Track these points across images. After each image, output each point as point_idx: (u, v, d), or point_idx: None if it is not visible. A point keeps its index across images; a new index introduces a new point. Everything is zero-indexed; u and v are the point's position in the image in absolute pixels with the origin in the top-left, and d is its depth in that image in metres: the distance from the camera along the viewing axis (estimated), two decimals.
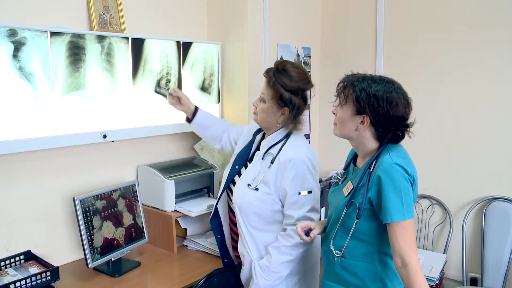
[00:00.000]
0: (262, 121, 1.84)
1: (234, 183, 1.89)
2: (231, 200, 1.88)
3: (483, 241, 2.49)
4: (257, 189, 1.76)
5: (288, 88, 1.72)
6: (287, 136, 1.80)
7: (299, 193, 1.70)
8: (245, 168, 1.88)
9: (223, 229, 1.97)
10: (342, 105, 1.46)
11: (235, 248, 1.92)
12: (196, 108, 2.13)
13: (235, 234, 1.91)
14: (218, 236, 1.97)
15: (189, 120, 2.15)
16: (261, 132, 1.93)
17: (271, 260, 1.71)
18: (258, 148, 1.90)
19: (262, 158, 1.81)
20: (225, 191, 1.94)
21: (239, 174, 1.88)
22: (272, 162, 1.76)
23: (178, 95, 2.11)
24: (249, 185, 1.78)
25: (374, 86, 1.39)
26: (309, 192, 1.71)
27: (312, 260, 1.85)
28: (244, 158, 1.90)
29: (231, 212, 1.92)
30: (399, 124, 1.41)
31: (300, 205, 1.70)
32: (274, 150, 1.79)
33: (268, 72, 1.78)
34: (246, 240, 1.79)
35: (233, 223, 1.91)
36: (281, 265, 1.71)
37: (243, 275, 1.84)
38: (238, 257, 1.91)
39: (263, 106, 1.79)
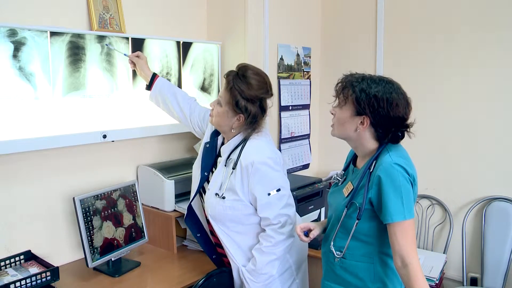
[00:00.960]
0: (217, 124, 1.80)
1: (204, 190, 1.87)
2: (204, 201, 1.87)
3: (483, 241, 2.49)
4: (224, 198, 1.73)
5: (244, 96, 1.68)
6: (245, 140, 1.77)
7: (269, 194, 1.68)
8: (212, 173, 1.85)
9: (202, 226, 1.95)
10: (341, 105, 1.45)
11: (218, 245, 1.91)
12: (155, 75, 2.05)
13: (216, 238, 1.88)
14: (198, 235, 1.94)
15: (148, 87, 2.07)
16: (220, 135, 1.88)
17: (256, 263, 1.71)
18: (219, 154, 1.86)
19: (225, 165, 1.78)
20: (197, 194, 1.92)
21: (208, 181, 1.86)
22: (234, 168, 1.73)
23: (134, 60, 2.04)
24: (216, 194, 1.76)
25: (374, 86, 1.39)
26: (278, 190, 1.70)
27: (300, 253, 1.85)
28: (210, 163, 1.86)
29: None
30: (399, 124, 1.41)
31: (272, 205, 1.69)
32: (234, 155, 1.75)
33: (228, 76, 1.74)
34: (228, 248, 1.78)
35: (212, 226, 1.88)
36: (267, 266, 1.71)
37: (235, 283, 1.82)
38: (224, 255, 1.89)
39: (219, 109, 1.75)
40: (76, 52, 1.86)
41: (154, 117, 2.23)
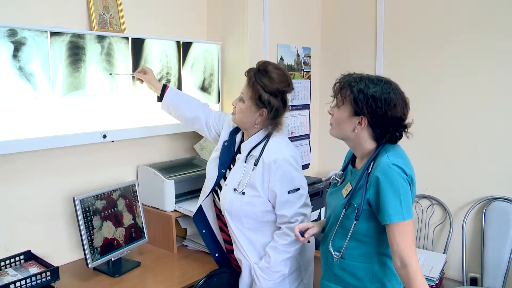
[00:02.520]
0: (240, 121, 1.81)
1: (220, 187, 1.87)
2: (218, 199, 1.87)
3: (483, 241, 2.49)
4: (243, 193, 1.74)
5: (267, 89, 1.71)
6: (267, 137, 1.79)
7: (289, 192, 1.71)
8: (229, 170, 1.86)
9: (209, 223, 1.95)
10: (339, 106, 1.45)
11: (226, 242, 1.91)
12: (165, 86, 2.07)
13: (226, 234, 1.90)
14: (204, 231, 1.94)
15: (159, 99, 2.08)
16: (239, 132, 1.90)
17: (270, 261, 1.71)
18: (238, 151, 1.87)
19: (245, 161, 1.79)
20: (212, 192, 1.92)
21: (225, 178, 1.86)
22: (255, 164, 1.74)
23: (141, 77, 2.07)
24: (235, 189, 1.77)
25: (372, 87, 1.38)
26: (297, 189, 1.72)
27: (307, 254, 1.86)
28: (228, 160, 1.87)
29: (219, 211, 1.90)
30: (397, 125, 1.41)
31: (291, 204, 1.71)
32: (256, 152, 1.77)
33: (249, 72, 1.76)
34: (242, 245, 1.78)
35: (222, 223, 1.90)
36: (281, 264, 1.71)
37: (243, 281, 1.81)
38: (231, 252, 1.89)
39: (242, 106, 1.77)
40: (76, 52, 1.87)
41: (154, 117, 2.23)
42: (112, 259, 2.00)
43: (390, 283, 1.44)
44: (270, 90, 1.71)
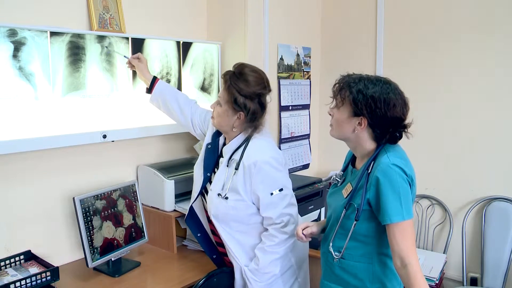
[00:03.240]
0: (218, 125, 1.80)
1: (206, 191, 1.88)
2: (206, 203, 1.88)
3: (483, 241, 2.49)
4: (227, 198, 1.74)
5: (243, 93, 1.70)
6: (247, 140, 1.78)
7: (271, 194, 1.70)
8: (214, 174, 1.86)
9: (203, 226, 1.95)
10: (339, 107, 1.45)
11: (219, 245, 1.91)
12: (156, 78, 2.04)
13: (217, 237, 1.88)
14: (199, 235, 1.94)
15: (148, 91, 2.06)
16: (221, 135, 1.89)
17: (259, 263, 1.72)
18: (221, 154, 1.87)
19: (227, 165, 1.79)
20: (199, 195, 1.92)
21: (210, 181, 1.86)
22: (236, 168, 1.73)
23: (134, 64, 2.03)
24: (219, 194, 1.77)
25: (371, 87, 1.38)
26: (280, 190, 1.71)
27: (300, 253, 1.86)
28: (212, 164, 1.87)
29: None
30: (397, 125, 1.41)
31: (275, 205, 1.70)
32: (237, 156, 1.76)
33: (225, 75, 1.75)
34: (231, 248, 1.78)
35: (214, 226, 1.87)
36: (270, 265, 1.71)
37: (236, 283, 1.82)
38: (225, 254, 1.89)
39: (219, 109, 1.76)
40: (76, 52, 1.87)
41: (154, 117, 2.23)
42: (112, 259, 2.00)
43: (391, 283, 1.44)
44: (245, 93, 1.70)
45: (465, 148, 2.57)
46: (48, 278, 1.74)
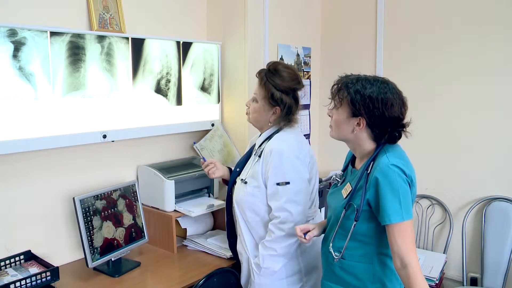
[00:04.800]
0: (254, 120, 1.89)
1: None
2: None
3: (483, 241, 2.49)
4: (246, 183, 1.80)
5: (279, 88, 1.78)
6: (277, 132, 1.84)
7: (278, 184, 1.73)
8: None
9: (231, 211, 1.98)
10: (337, 107, 1.46)
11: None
12: (230, 169, 2.07)
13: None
14: (231, 240, 1.99)
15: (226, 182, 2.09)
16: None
17: (259, 256, 1.76)
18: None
19: (254, 154, 1.86)
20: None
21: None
22: (259, 156, 1.80)
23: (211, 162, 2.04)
24: (242, 180, 1.83)
25: (368, 87, 1.38)
26: (287, 183, 1.72)
27: (311, 260, 1.85)
28: (245, 160, 1.94)
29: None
30: (396, 124, 1.41)
31: (278, 196, 1.73)
32: (264, 145, 1.83)
33: (260, 73, 1.85)
34: (244, 238, 1.83)
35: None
36: (268, 260, 1.73)
37: (243, 274, 1.87)
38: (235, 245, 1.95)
39: (255, 105, 1.85)
40: (76, 52, 1.86)
41: (154, 117, 2.23)
42: (112, 259, 2.00)
43: (391, 283, 1.44)
44: (281, 88, 1.78)
45: (465, 148, 2.57)
46: (48, 278, 1.74)
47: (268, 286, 1.77)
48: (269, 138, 1.83)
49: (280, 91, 1.78)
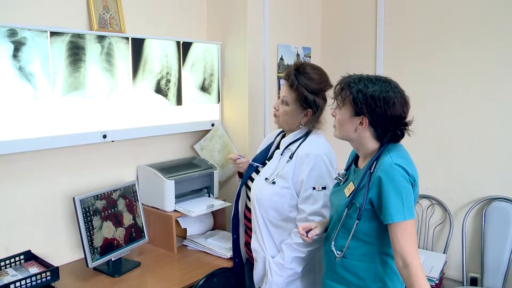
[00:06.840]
0: (285, 123, 1.86)
1: (252, 180, 1.90)
2: (249, 198, 1.89)
3: (483, 241, 2.49)
4: (274, 183, 1.77)
5: (311, 90, 1.76)
6: (306, 134, 1.83)
7: (314, 188, 1.72)
8: (263, 166, 1.89)
9: (239, 228, 1.98)
10: (340, 107, 1.47)
11: (248, 244, 1.92)
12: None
13: (250, 230, 1.90)
14: (235, 236, 1.98)
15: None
16: (281, 133, 1.96)
17: (284, 257, 1.73)
18: (278, 148, 1.92)
19: (281, 154, 1.83)
20: (243, 189, 1.95)
21: (257, 172, 1.89)
22: (290, 158, 1.78)
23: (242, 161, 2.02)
24: (266, 179, 1.80)
25: (370, 86, 1.39)
26: (323, 188, 1.72)
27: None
28: (263, 157, 1.93)
29: (247, 209, 1.92)
30: (398, 123, 1.41)
31: (314, 200, 1.72)
32: (293, 147, 1.81)
33: (289, 75, 1.80)
34: (262, 236, 1.80)
35: (247, 219, 1.91)
36: (294, 261, 1.72)
37: (257, 272, 1.83)
38: (250, 255, 1.90)
39: (286, 108, 1.81)
40: (76, 52, 1.86)
41: (154, 117, 2.23)
42: (112, 259, 1.99)
43: (392, 282, 1.44)
44: (313, 90, 1.76)
45: (465, 148, 2.57)
46: (48, 278, 1.73)
47: (284, 286, 1.75)
48: (298, 139, 1.82)
49: (312, 93, 1.76)
